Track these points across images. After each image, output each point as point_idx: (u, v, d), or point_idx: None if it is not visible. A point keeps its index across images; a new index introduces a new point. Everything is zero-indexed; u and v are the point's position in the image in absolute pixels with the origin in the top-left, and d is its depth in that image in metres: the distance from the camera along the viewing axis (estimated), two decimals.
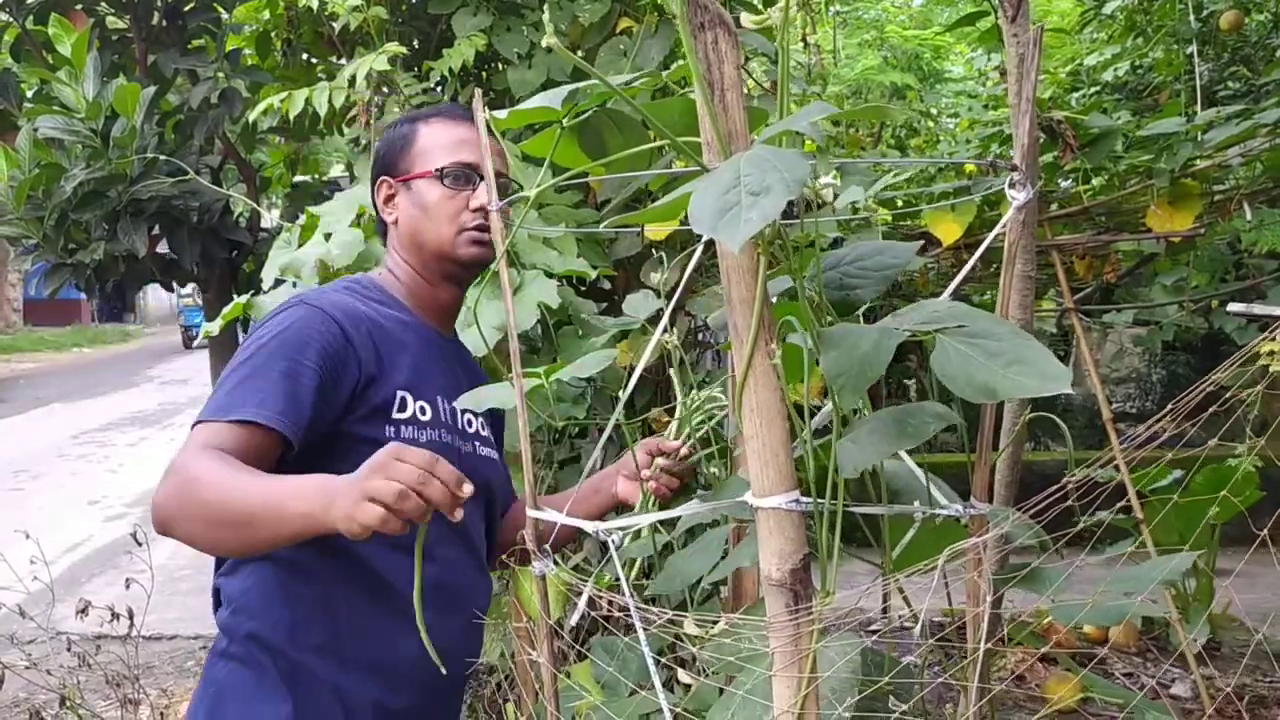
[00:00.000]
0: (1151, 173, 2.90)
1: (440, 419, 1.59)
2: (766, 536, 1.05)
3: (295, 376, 1.45)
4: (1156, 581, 1.17)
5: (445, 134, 1.64)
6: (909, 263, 1.15)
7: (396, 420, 1.52)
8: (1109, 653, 4.50)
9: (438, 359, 1.65)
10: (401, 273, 1.69)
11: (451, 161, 1.61)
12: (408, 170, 1.64)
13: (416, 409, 1.56)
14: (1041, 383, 0.93)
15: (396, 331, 1.59)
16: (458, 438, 1.62)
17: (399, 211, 1.66)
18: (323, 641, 1.52)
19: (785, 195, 0.80)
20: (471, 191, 1.61)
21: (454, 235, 1.62)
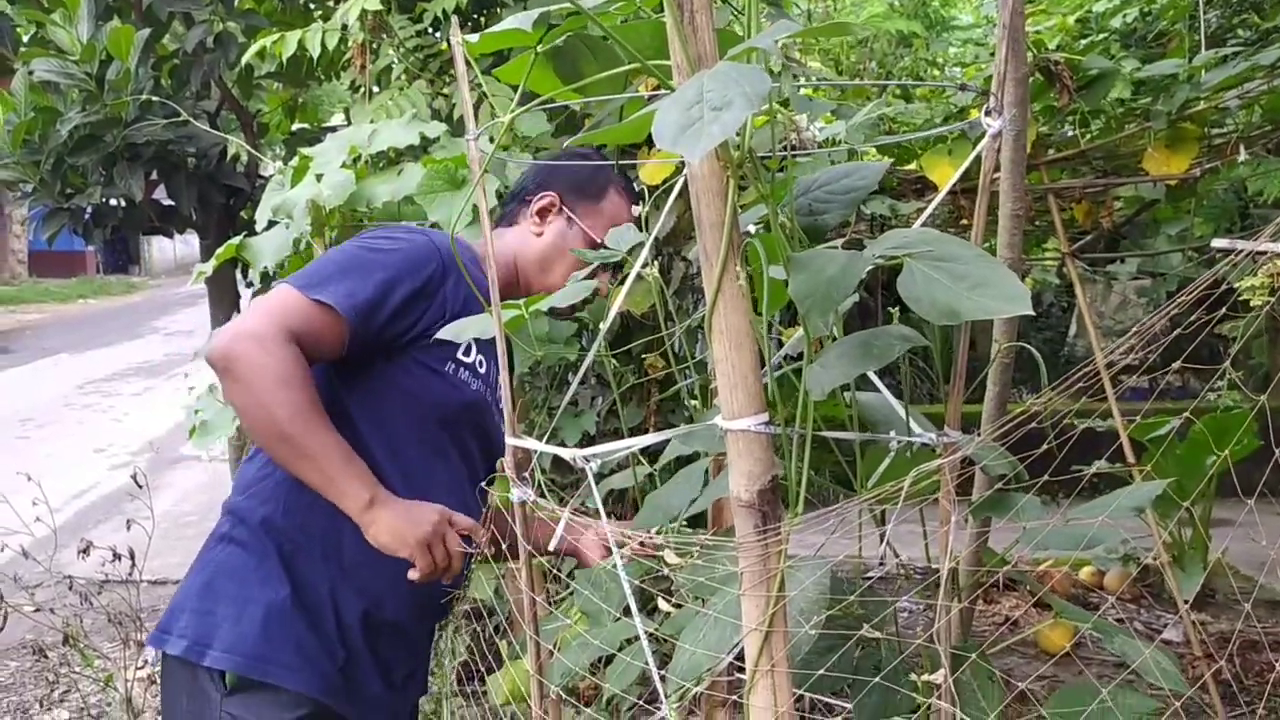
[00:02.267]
0: (1149, 115, 2.87)
1: (489, 378, 1.77)
2: (735, 458, 1.06)
3: (390, 290, 1.62)
4: (1127, 507, 1.18)
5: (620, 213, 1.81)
6: (875, 184, 1.15)
7: (460, 361, 1.71)
8: (1103, 599, 4.54)
9: None
10: (504, 265, 1.79)
11: (600, 239, 1.72)
12: (577, 211, 1.81)
13: (477, 360, 1.73)
14: (1003, 304, 0.93)
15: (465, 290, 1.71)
16: (490, 391, 1.78)
17: (549, 232, 1.83)
18: (328, 542, 1.64)
19: (747, 109, 0.81)
20: (600, 275, 1.78)
21: (557, 287, 1.71)
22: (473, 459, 1.78)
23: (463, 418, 1.73)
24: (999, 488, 1.23)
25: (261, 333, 1.52)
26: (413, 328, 1.64)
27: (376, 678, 1.71)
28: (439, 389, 1.68)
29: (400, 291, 1.63)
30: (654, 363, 3.12)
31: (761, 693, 1.08)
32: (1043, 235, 4.51)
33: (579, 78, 1.19)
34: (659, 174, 2.59)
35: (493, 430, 1.79)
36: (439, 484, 1.69)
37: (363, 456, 1.60)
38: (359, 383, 1.68)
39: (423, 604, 1.73)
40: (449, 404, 1.70)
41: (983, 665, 1.24)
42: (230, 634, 1.57)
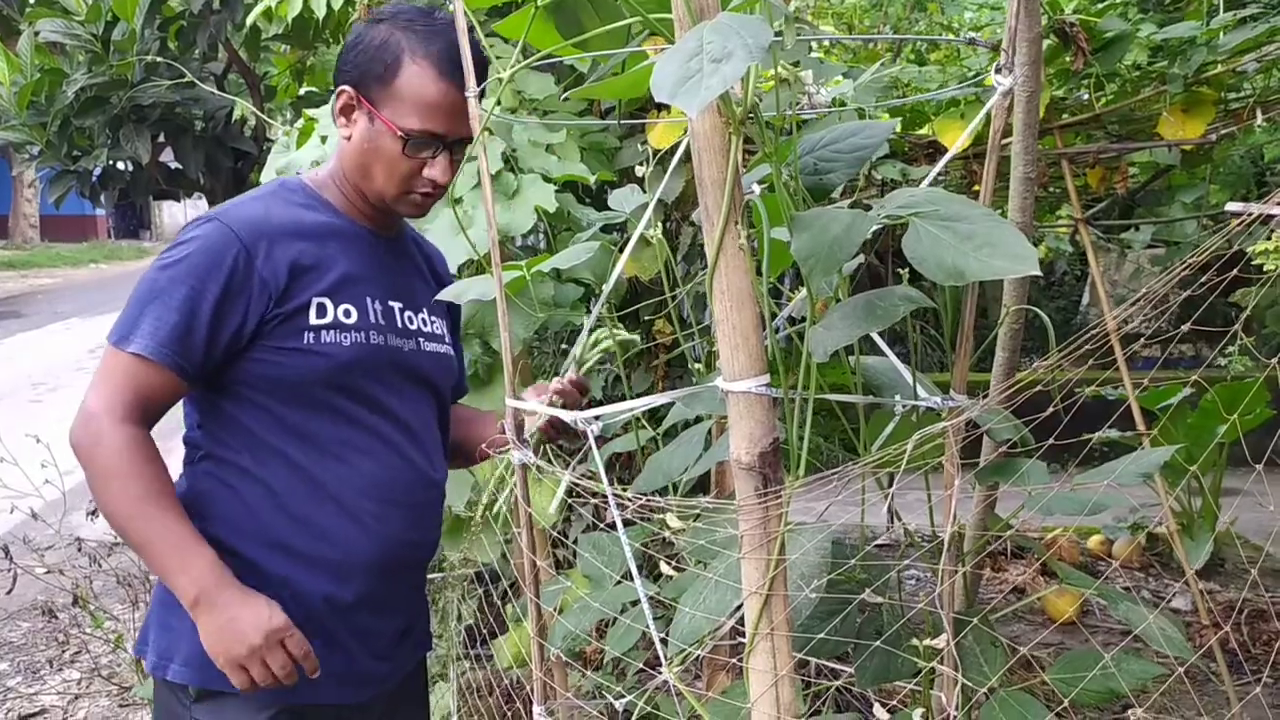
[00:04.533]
0: (1165, 79, 2.83)
1: (370, 320, 1.59)
2: (737, 420, 1.05)
3: (195, 306, 1.48)
4: (1133, 473, 1.17)
5: (426, 89, 1.53)
6: (882, 142, 1.13)
7: (315, 326, 1.53)
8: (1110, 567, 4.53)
9: (372, 259, 1.64)
10: (340, 181, 1.65)
11: (421, 129, 1.54)
12: (376, 102, 1.55)
13: (339, 313, 1.56)
14: (1011, 263, 0.92)
15: (320, 236, 1.59)
16: (394, 336, 1.63)
17: (355, 132, 1.59)
18: (268, 538, 1.55)
19: (747, 60, 0.79)
20: (431, 158, 1.57)
21: (398, 193, 1.59)
22: (391, 409, 1.63)
23: (351, 377, 1.58)
24: (1004, 452, 1.22)
25: (95, 417, 1.46)
26: (241, 328, 1.51)
27: (361, 655, 1.64)
28: (302, 365, 1.54)
29: (207, 302, 1.48)
30: (661, 328, 3.11)
31: (761, 656, 1.07)
32: (1056, 202, 4.47)
33: (580, 32, 1.17)
34: (668, 137, 2.57)
35: (419, 365, 1.68)
36: (359, 450, 1.60)
37: (273, 458, 1.55)
38: (231, 392, 1.57)
39: (394, 567, 1.66)
40: (322, 371, 1.55)
41: (986, 630, 1.23)
42: (189, 646, 1.51)
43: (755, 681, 1.08)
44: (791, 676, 1.08)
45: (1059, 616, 3.85)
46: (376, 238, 1.67)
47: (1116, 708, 2.87)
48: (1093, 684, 1.20)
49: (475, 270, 2.33)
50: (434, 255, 1.87)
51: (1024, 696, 1.22)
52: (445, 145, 1.56)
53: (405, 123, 1.53)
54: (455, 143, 1.57)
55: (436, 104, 1.53)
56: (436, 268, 1.84)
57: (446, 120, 1.54)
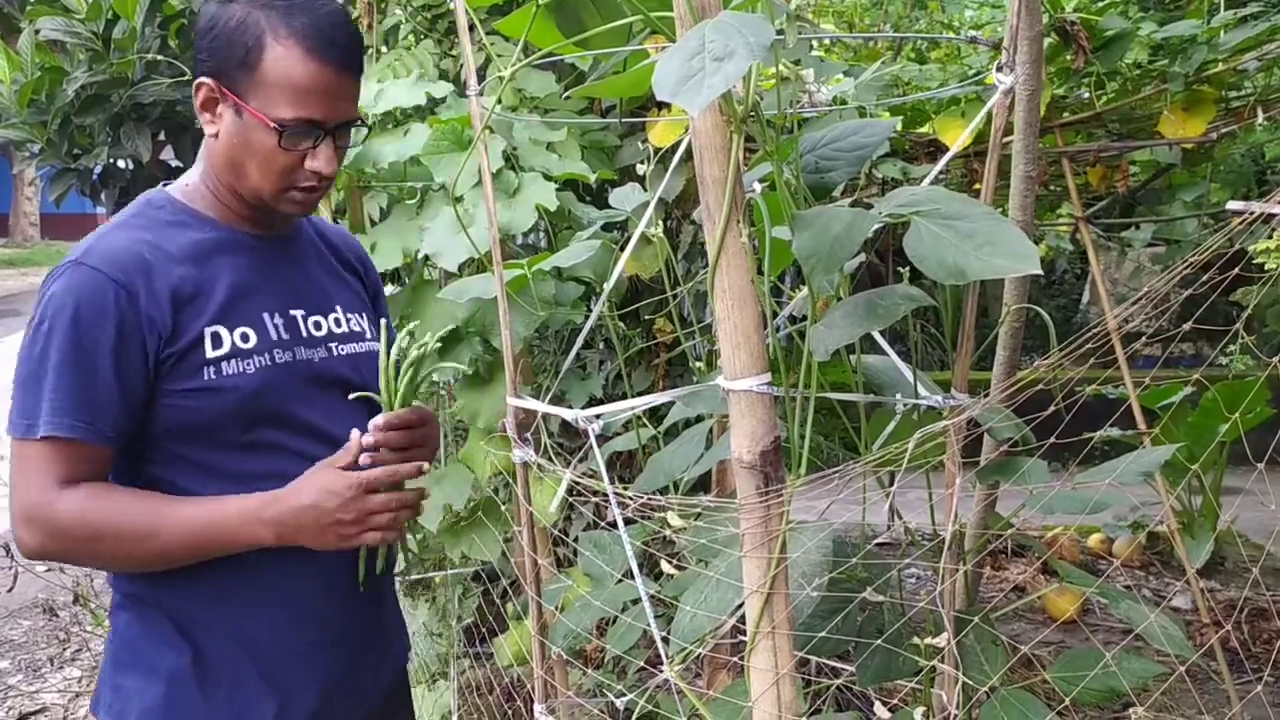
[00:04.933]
0: (1166, 78, 2.82)
1: (271, 337, 1.44)
2: (738, 419, 1.05)
3: (92, 368, 1.32)
4: (1134, 472, 1.17)
5: (295, 71, 1.34)
6: (883, 141, 1.13)
7: (213, 360, 1.37)
8: (1111, 566, 4.53)
9: (262, 268, 1.47)
10: (213, 185, 1.45)
11: (295, 117, 1.34)
12: (241, 92, 1.35)
13: (235, 339, 1.40)
14: (1012, 262, 0.92)
15: (198, 257, 1.41)
16: (303, 348, 1.47)
17: (221, 128, 1.39)
18: (212, 590, 1.42)
19: (749, 59, 0.79)
20: (312, 148, 1.38)
21: (277, 191, 1.41)
22: (320, 428, 1.47)
23: (266, 405, 1.41)
24: (1005, 451, 1.22)
25: (33, 511, 1.32)
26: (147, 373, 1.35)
27: (334, 692, 1.50)
28: (210, 405, 1.37)
29: (103, 358, 1.32)
30: (662, 326, 3.11)
31: (762, 654, 1.07)
32: (1056, 200, 4.46)
33: (582, 31, 1.16)
34: (669, 135, 2.56)
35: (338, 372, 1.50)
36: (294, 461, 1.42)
37: None
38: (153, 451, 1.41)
39: (352, 603, 1.50)
40: (233, 408, 1.39)
41: (987, 629, 1.23)
42: (140, 705, 1.42)
43: (757, 680, 1.08)
44: (793, 675, 1.08)
45: (1059, 615, 3.85)
46: (263, 242, 1.48)
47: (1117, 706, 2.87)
48: (1094, 683, 1.20)
49: (476, 268, 2.33)
50: (341, 241, 1.68)
51: (1025, 695, 1.23)
52: (326, 132, 1.38)
53: (277, 112, 1.34)
54: (338, 128, 1.39)
55: (309, 87, 1.34)
56: (345, 254, 1.66)
57: (323, 104, 1.36)
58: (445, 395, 3.05)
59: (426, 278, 2.70)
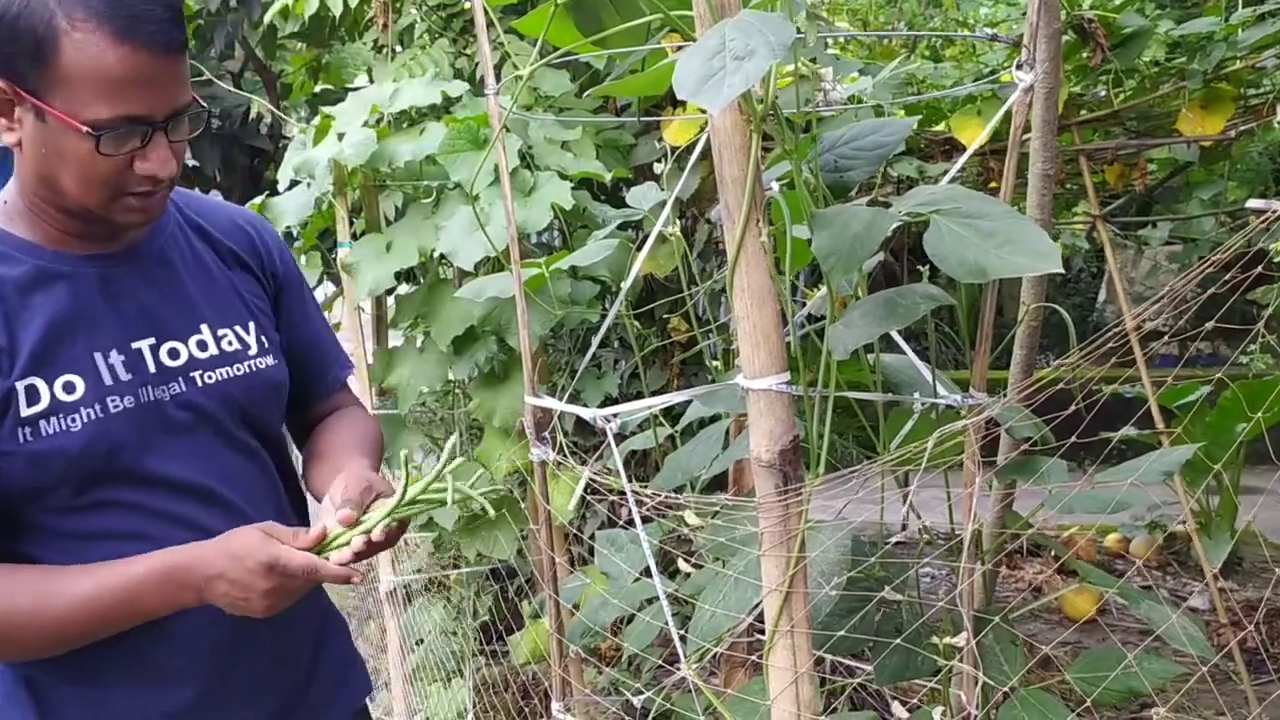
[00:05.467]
0: (1184, 75, 2.81)
1: (104, 382, 1.20)
2: (757, 418, 1.05)
3: None
4: (1156, 471, 1.16)
5: (104, 62, 1.07)
6: (902, 140, 1.13)
7: (28, 419, 1.15)
8: (1129, 565, 4.51)
9: (94, 297, 1.23)
10: (28, 201, 1.21)
11: (112, 116, 1.09)
12: (39, 91, 1.09)
13: (56, 390, 1.17)
14: (1033, 260, 0.91)
15: (8, 296, 1.18)
16: (150, 387, 1.23)
17: (23, 138, 1.14)
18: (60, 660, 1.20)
19: (770, 58, 0.79)
20: (140, 149, 1.13)
21: (105, 202, 1.16)
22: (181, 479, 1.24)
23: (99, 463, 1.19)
24: (1024, 450, 1.22)
25: None
26: None
27: None
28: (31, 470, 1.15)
29: None
30: (677, 325, 3.11)
31: (781, 653, 1.07)
32: (1073, 198, 4.44)
33: (600, 29, 1.17)
34: (684, 134, 2.56)
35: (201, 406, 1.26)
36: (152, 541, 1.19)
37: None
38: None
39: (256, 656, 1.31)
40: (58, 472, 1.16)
41: (1005, 629, 1.22)
42: None
43: (775, 678, 1.08)
44: (811, 674, 1.08)
45: (1076, 615, 3.83)
46: (101, 263, 1.24)
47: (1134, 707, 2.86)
48: (1113, 683, 1.20)
49: (491, 267, 2.33)
50: (228, 226, 1.40)
51: (1044, 695, 1.22)
52: (155, 127, 1.13)
53: (89, 113, 1.08)
54: (170, 119, 1.13)
55: (124, 77, 1.08)
56: (229, 244, 1.39)
57: (146, 95, 1.10)
58: (460, 393, 3.06)
59: (441, 276, 2.71)
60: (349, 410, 1.52)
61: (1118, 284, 3.35)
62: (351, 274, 2.54)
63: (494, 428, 2.52)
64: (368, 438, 1.45)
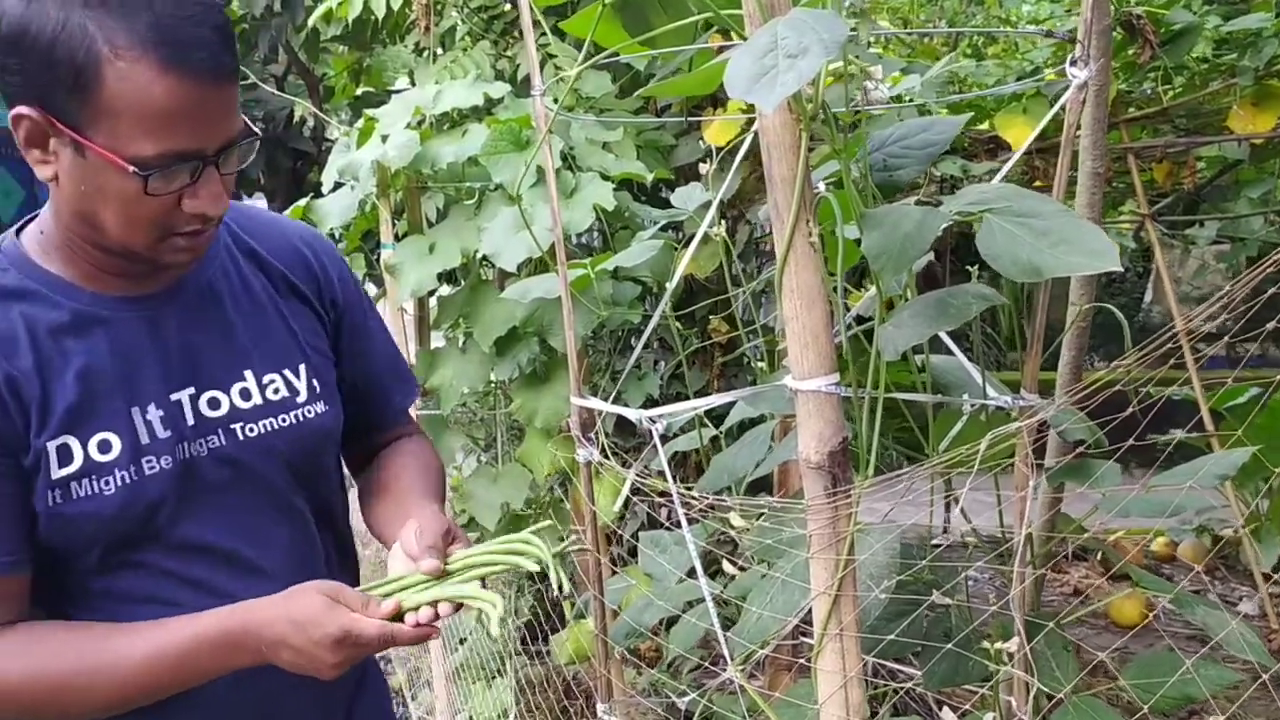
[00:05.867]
0: (1235, 72, 2.76)
1: (140, 441, 1.11)
2: (805, 420, 1.04)
3: None
4: (1212, 475, 1.14)
5: (151, 93, 0.97)
6: (952, 138, 1.12)
7: (59, 481, 1.06)
8: (1177, 569, 4.44)
9: (133, 344, 1.13)
10: (64, 237, 1.12)
11: (161, 153, 0.99)
12: (79, 124, 0.99)
13: (91, 450, 1.08)
14: (1089, 259, 0.90)
15: (41, 343, 1.08)
16: (188, 444, 1.14)
17: (60, 172, 1.04)
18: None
19: (823, 56, 0.78)
20: (190, 185, 1.04)
21: (154, 242, 1.07)
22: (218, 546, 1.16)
23: (125, 530, 1.10)
24: (1079, 454, 1.20)
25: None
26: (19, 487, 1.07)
27: None
28: (62, 535, 1.08)
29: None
30: (718, 326, 3.10)
31: (830, 657, 1.06)
32: (1120, 197, 4.38)
33: (647, 29, 1.16)
34: (725, 134, 2.56)
35: (243, 461, 1.17)
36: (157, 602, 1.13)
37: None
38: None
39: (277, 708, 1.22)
40: (88, 537, 1.09)
41: (1058, 635, 1.21)
42: None
43: (824, 682, 1.07)
44: (860, 678, 1.07)
45: (1123, 620, 3.78)
46: (143, 306, 1.15)
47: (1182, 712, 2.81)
48: (1169, 690, 1.17)
49: (533, 268, 2.34)
50: (281, 246, 1.29)
51: (1095, 702, 1.20)
52: (207, 162, 1.03)
53: (134, 149, 0.99)
54: (221, 151, 1.04)
55: (173, 110, 0.98)
56: (281, 268, 1.27)
57: (196, 128, 1.01)
58: (501, 394, 3.07)
59: (483, 278, 2.72)
60: (411, 441, 1.42)
61: (1166, 284, 3.30)
62: (394, 275, 2.56)
63: (536, 428, 2.53)
64: (432, 472, 1.35)
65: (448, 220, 2.66)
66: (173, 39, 0.97)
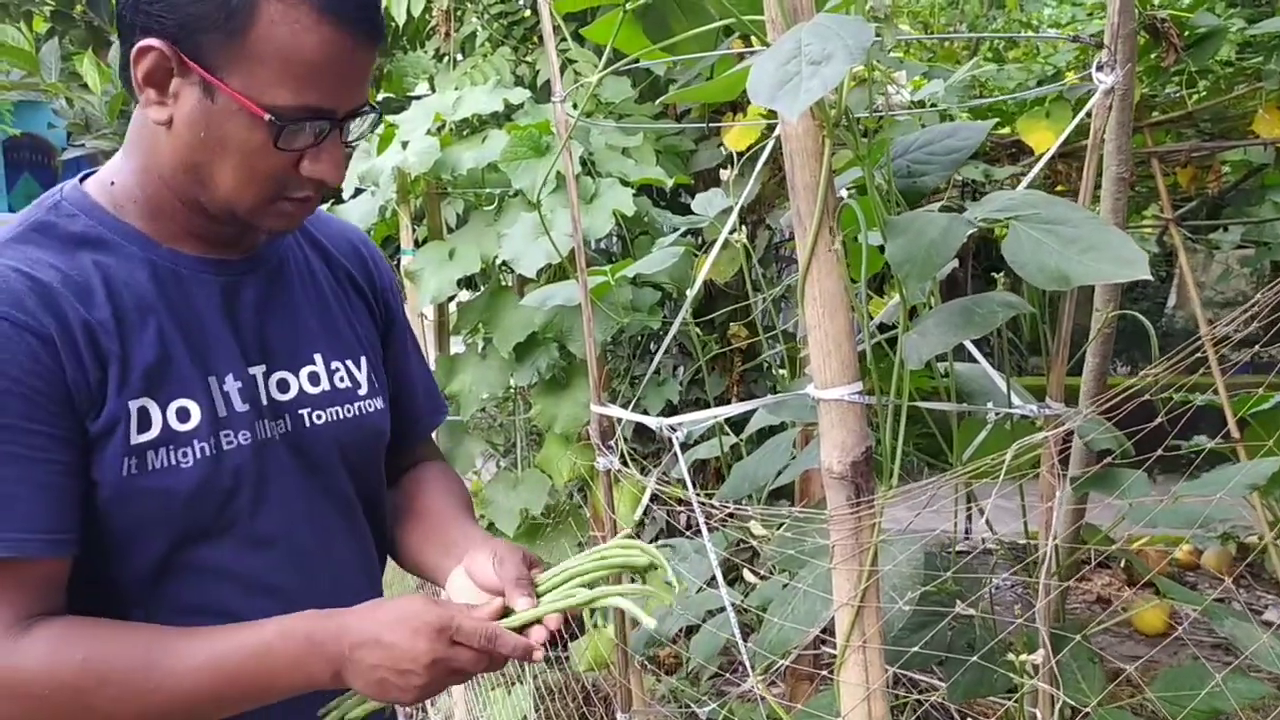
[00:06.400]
0: (1260, 75, 2.73)
1: (219, 412, 1.03)
2: (828, 429, 1.03)
3: (39, 460, 0.93)
4: (1240, 484, 1.13)
5: (304, 41, 0.93)
6: (978, 144, 1.10)
7: (136, 448, 0.97)
8: (1200, 577, 4.40)
9: (211, 311, 1.06)
10: (153, 190, 1.03)
11: (298, 105, 0.95)
12: (216, 65, 0.94)
13: (171, 417, 1.00)
14: (1117, 267, 0.88)
15: (119, 296, 1.00)
16: (263, 425, 1.06)
17: (179, 114, 0.97)
18: None
19: (848, 62, 0.77)
20: (313, 147, 0.99)
21: (260, 204, 1.01)
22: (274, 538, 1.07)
23: (200, 514, 1.01)
24: (1106, 463, 1.18)
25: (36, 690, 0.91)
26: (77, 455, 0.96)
27: None
28: (129, 511, 0.98)
29: (38, 436, 0.92)
30: (737, 332, 3.09)
31: (853, 669, 1.05)
32: (1143, 201, 4.35)
33: (668, 36, 1.16)
34: (744, 139, 2.55)
35: (310, 450, 1.10)
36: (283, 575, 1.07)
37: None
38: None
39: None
40: (158, 515, 0.99)
41: (1084, 646, 1.19)
42: None
43: (847, 695, 1.06)
44: (884, 689, 1.06)
45: (1149, 630, 3.75)
46: (221, 271, 1.08)
47: None
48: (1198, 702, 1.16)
49: (553, 274, 2.34)
50: (343, 242, 1.24)
51: (1122, 714, 1.19)
52: (334, 125, 0.99)
53: (270, 97, 0.94)
54: (349, 117, 1.01)
55: (321, 63, 0.95)
56: (344, 262, 1.23)
57: (337, 87, 0.97)
58: (521, 400, 3.07)
59: (502, 283, 2.72)
60: (438, 466, 1.35)
61: (1191, 289, 3.27)
62: (415, 281, 2.56)
63: (555, 434, 2.52)
64: (465, 501, 1.28)
65: (468, 226, 2.66)
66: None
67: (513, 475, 2.69)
